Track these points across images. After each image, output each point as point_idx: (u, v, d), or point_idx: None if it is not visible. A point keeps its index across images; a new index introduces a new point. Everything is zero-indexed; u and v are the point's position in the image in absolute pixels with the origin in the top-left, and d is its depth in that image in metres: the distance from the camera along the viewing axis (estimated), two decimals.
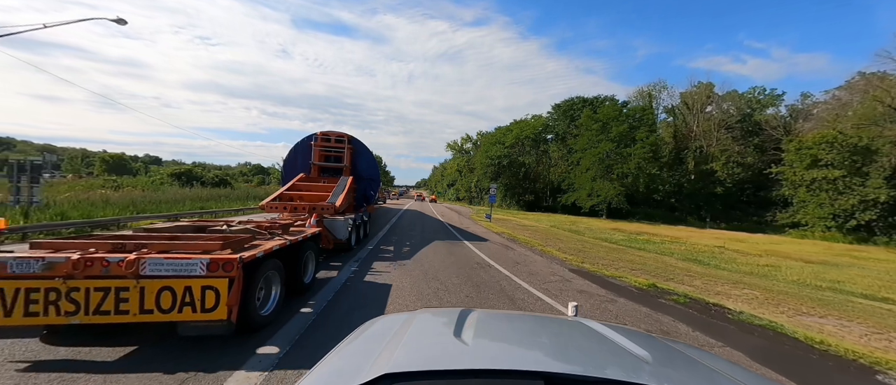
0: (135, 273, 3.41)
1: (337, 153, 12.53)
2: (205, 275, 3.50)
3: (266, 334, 4.02)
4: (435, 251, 10.63)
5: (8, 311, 3.24)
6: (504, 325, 1.71)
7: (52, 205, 15.02)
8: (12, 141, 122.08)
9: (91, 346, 3.62)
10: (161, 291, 3.43)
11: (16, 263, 3.34)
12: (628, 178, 39.58)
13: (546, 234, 18.87)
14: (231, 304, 3.53)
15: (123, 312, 3.37)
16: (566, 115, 52.24)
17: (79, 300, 3.32)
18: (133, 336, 3.84)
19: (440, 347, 1.27)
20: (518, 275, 7.84)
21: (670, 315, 5.41)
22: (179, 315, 3.44)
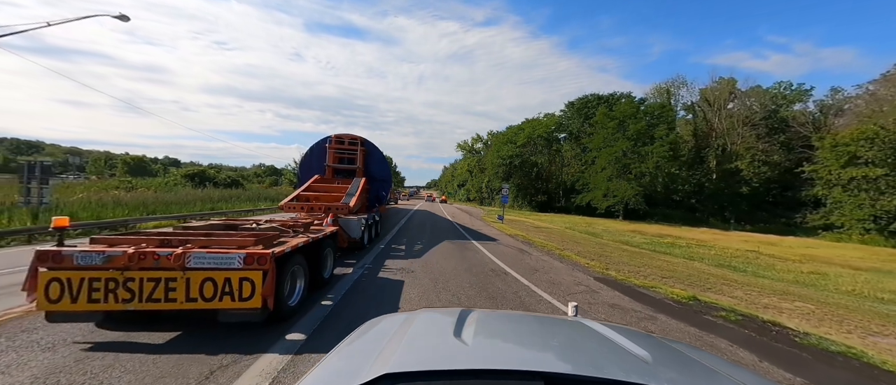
0: (181, 265, 3.82)
1: (350, 155, 12.86)
2: (242, 268, 3.90)
3: (293, 322, 4.45)
4: (445, 256, 9.95)
5: (74, 298, 3.70)
6: (504, 325, 1.70)
7: (62, 206, 14.96)
8: (42, 144, 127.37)
9: (140, 331, 4.09)
10: (204, 282, 3.84)
11: (80, 256, 3.80)
12: (646, 178, 38.07)
13: (562, 236, 17.96)
14: (265, 294, 3.90)
15: (172, 300, 3.79)
16: (580, 113, 50.79)
17: (134, 289, 3.76)
18: (176, 323, 4.27)
19: (440, 347, 1.26)
20: (538, 284, 7.08)
21: (725, 337, 4.59)
22: (220, 303, 3.85)
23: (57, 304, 3.70)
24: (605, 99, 49.00)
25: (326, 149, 12.76)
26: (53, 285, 3.70)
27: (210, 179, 36.26)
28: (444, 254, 10.25)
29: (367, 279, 6.86)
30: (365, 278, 6.92)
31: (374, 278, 6.95)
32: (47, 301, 3.70)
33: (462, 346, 1.21)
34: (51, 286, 3.69)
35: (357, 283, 6.50)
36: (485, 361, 1.12)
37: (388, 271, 7.56)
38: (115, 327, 4.14)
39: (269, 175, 68.33)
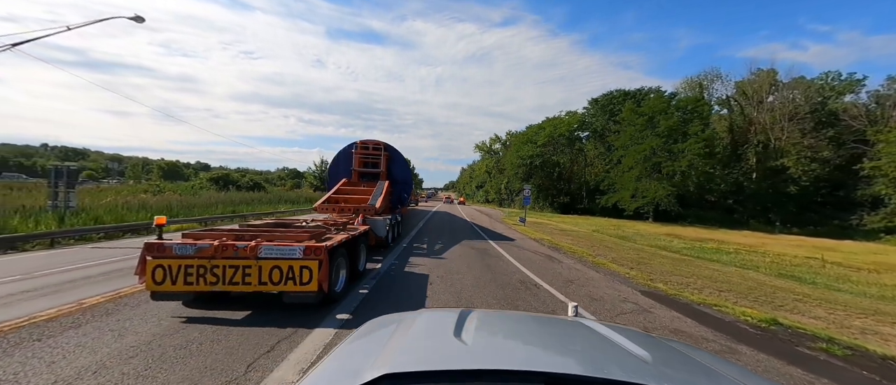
0: (255, 255, 4.60)
1: (374, 160, 13.69)
2: (301, 258, 4.64)
3: (338, 305, 5.37)
4: (468, 265, 9.13)
5: (173, 281, 4.56)
6: (504, 325, 1.69)
7: (88, 210, 15.25)
8: (88, 151, 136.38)
9: (219, 309, 4.95)
10: (272, 269, 4.61)
11: (178, 248, 4.64)
12: (677, 177, 35.75)
13: (591, 240, 16.73)
14: (320, 279, 4.67)
15: (247, 283, 4.61)
16: (605, 110, 48.56)
17: (218, 274, 4.59)
18: (246, 304, 5.21)
19: (440, 347, 1.25)
20: (577, 300, 6.14)
21: (842, 383, 3.53)
22: (284, 287, 4.64)
23: (160, 285, 4.59)
24: (631, 94, 46.58)
25: (352, 154, 13.59)
26: (158, 270, 4.58)
27: (234, 183, 37.06)
28: (466, 262, 9.43)
29: (394, 272, 7.78)
30: (393, 272, 7.81)
31: (400, 272, 7.81)
32: (154, 283, 4.59)
33: (462, 346, 1.20)
34: (156, 271, 4.58)
35: (385, 276, 7.37)
36: (485, 361, 1.10)
37: (412, 266, 8.42)
38: (198, 306, 5.03)
39: (292, 178, 69.80)
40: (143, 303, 5.14)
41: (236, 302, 5.26)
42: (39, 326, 4.13)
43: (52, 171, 14.21)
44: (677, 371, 1.19)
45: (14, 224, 12.09)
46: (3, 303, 5.06)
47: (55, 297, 5.36)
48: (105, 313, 4.65)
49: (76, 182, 14.92)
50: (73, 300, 5.15)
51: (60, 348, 3.58)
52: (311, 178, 59.59)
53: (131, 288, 5.89)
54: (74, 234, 12.56)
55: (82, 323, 4.28)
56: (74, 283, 6.23)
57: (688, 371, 1.20)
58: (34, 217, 12.88)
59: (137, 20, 10.84)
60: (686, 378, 1.13)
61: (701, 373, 1.19)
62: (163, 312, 4.74)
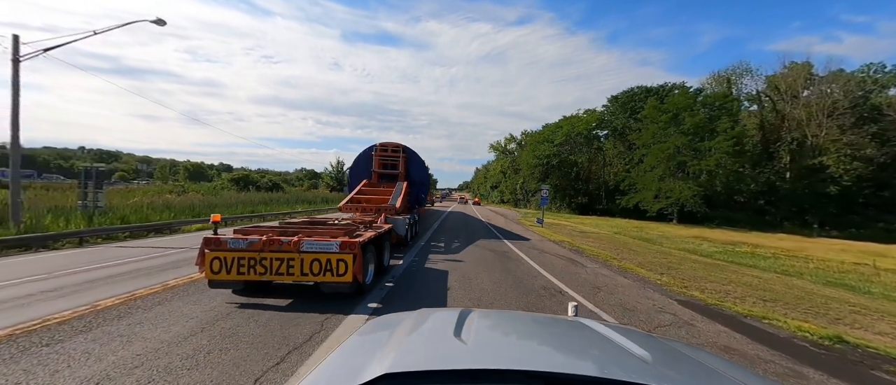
0: (297, 249, 5.14)
1: (393, 161, 14.08)
2: (338, 252, 5.16)
3: (368, 295, 5.93)
4: (487, 268, 8.74)
5: (228, 271, 5.14)
6: (504, 325, 1.68)
7: (116, 210, 15.72)
8: (120, 154, 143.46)
9: (264, 297, 5.56)
10: (312, 262, 5.16)
11: (231, 242, 5.23)
12: (703, 177, 34.09)
13: (613, 242, 16.00)
14: (355, 272, 5.16)
15: (291, 274, 5.17)
16: (625, 107, 46.94)
17: (266, 265, 5.14)
18: (287, 293, 5.81)
19: (440, 347, 1.25)
20: (607, 310, 5.67)
21: None
22: (323, 278, 5.17)
23: (217, 275, 5.19)
24: (654, 91, 44.79)
25: (372, 156, 14.06)
26: (215, 262, 5.19)
27: (253, 183, 37.90)
28: (485, 265, 9.04)
29: (415, 268, 8.35)
30: (413, 267, 8.38)
31: (420, 269, 8.29)
32: (211, 273, 5.19)
33: (462, 346, 1.19)
34: (213, 262, 5.18)
35: (407, 272, 7.91)
36: (485, 361, 1.09)
37: (431, 264, 8.85)
38: (246, 294, 5.63)
39: (309, 179, 71.03)
40: (156, 306, 5.04)
41: (277, 291, 5.90)
42: (50, 330, 4.04)
43: (82, 173, 14.71)
44: (677, 371, 1.18)
45: (46, 223, 12.54)
46: (23, 303, 5.06)
47: (72, 298, 5.33)
48: (117, 317, 4.54)
49: (104, 183, 15.38)
50: (88, 302, 5.10)
51: (67, 355, 3.44)
52: (327, 179, 60.42)
53: (146, 290, 5.82)
54: (101, 233, 12.92)
55: (93, 327, 4.18)
56: (93, 283, 6.24)
57: (688, 371, 1.20)
58: (65, 216, 13.34)
59: (159, 23, 11.03)
60: (686, 378, 1.12)
61: (701, 373, 1.19)
62: (173, 317, 4.61)
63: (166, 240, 12.82)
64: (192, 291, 5.79)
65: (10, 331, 3.98)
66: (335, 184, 55.81)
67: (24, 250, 10.33)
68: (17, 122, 12.10)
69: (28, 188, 22.08)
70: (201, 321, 4.47)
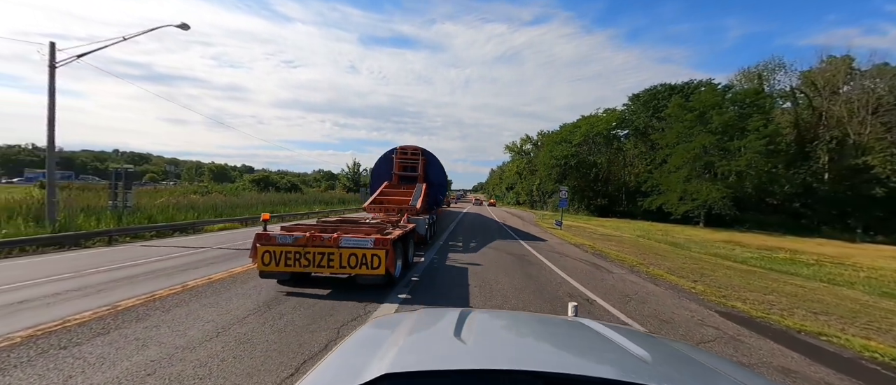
0: (336, 244, 5.79)
1: (412, 164, 14.56)
2: (372, 247, 5.79)
3: (397, 286, 6.49)
4: (506, 271, 8.41)
5: (277, 263, 5.85)
6: (504, 325, 1.67)
7: (143, 209, 16.25)
8: (150, 156, 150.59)
9: (307, 288, 6.22)
10: (350, 256, 5.79)
11: (280, 237, 5.89)
12: (731, 178, 32.36)
13: (638, 247, 15.28)
14: (387, 265, 5.80)
15: (331, 267, 5.83)
16: (647, 106, 45.26)
17: (310, 258, 5.83)
18: (326, 285, 6.43)
19: (440, 347, 1.25)
20: (642, 323, 5.24)
21: None
22: (359, 270, 5.81)
23: (267, 266, 5.89)
24: (678, 89, 42.97)
25: (393, 159, 14.58)
26: (266, 255, 5.88)
27: (273, 184, 38.76)
28: (505, 269, 8.70)
29: (437, 264, 9.05)
30: (434, 264, 9.05)
31: (442, 265, 8.93)
32: (262, 264, 5.88)
33: (462, 346, 1.19)
34: (264, 255, 5.88)
35: (429, 268, 8.57)
36: (485, 361, 1.09)
37: (451, 261, 9.43)
38: (291, 285, 6.27)
39: (326, 180, 72.23)
40: (174, 307, 4.99)
41: (317, 283, 6.54)
42: (70, 332, 4.02)
43: (113, 174, 15.28)
44: (677, 371, 1.17)
45: (79, 222, 13.05)
46: (48, 302, 5.12)
47: (94, 298, 5.37)
48: (135, 318, 4.50)
49: (133, 184, 15.92)
50: (108, 303, 5.11)
51: (82, 359, 3.38)
52: (344, 180, 61.22)
53: (166, 291, 5.82)
54: (129, 232, 13.35)
55: (111, 329, 4.14)
56: (117, 283, 6.31)
57: (688, 371, 1.19)
58: (96, 215, 13.86)
59: (183, 27, 11.29)
60: (686, 378, 1.11)
61: (701, 372, 1.18)
62: (190, 320, 4.53)
63: (190, 239, 13.11)
64: (209, 293, 5.75)
65: (31, 331, 3.98)
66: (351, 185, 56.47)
67: (58, 248, 10.75)
68: (53, 126, 12.66)
69: (66, 189, 23.26)
70: (217, 325, 4.36)
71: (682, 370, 1.19)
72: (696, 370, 1.19)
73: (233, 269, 7.53)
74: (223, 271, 7.35)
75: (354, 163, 61.97)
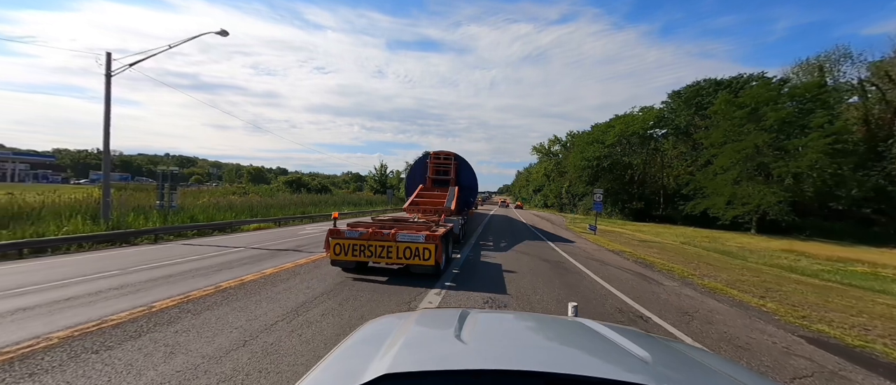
0: (394, 239, 6.84)
1: (445, 168, 15.50)
2: (424, 242, 6.81)
3: (443, 277, 7.46)
4: (544, 280, 7.81)
5: (346, 253, 6.97)
6: (504, 325, 1.67)
7: (187, 209, 17.12)
8: (196, 159, 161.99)
9: (368, 276, 7.32)
10: (405, 249, 6.83)
11: (348, 232, 7.04)
12: (788, 180, 29.30)
13: (684, 255, 14.02)
14: (437, 258, 6.86)
15: (389, 258, 6.90)
16: (689, 103, 42.19)
17: (372, 250, 6.89)
18: (383, 274, 7.48)
19: (440, 347, 1.26)
20: (709, 344, 4.51)
21: None
22: (413, 261, 6.85)
23: (338, 256, 7.01)
24: (725, 84, 39.69)
25: (427, 163, 15.73)
26: (336, 246, 6.99)
27: (305, 185, 40.07)
28: (543, 279, 8.11)
29: (472, 259, 10.03)
30: (470, 259, 10.01)
31: (477, 261, 9.81)
32: (334, 254, 7.00)
33: (462, 346, 1.19)
34: (335, 247, 6.99)
35: (466, 262, 9.50)
36: (485, 361, 1.11)
37: (485, 258, 10.33)
38: (354, 273, 7.40)
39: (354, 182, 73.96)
40: (205, 310, 4.91)
41: (376, 272, 7.57)
42: (104, 333, 3.99)
43: (160, 175, 16.21)
44: (677, 371, 1.16)
45: (129, 220, 13.90)
46: (91, 300, 5.24)
47: (133, 297, 5.44)
48: (167, 321, 4.44)
49: (178, 185, 16.79)
50: (145, 303, 5.14)
51: (111, 366, 3.28)
52: (371, 182, 62.33)
53: (200, 291, 5.82)
54: (173, 230, 14.04)
55: (143, 332, 4.07)
56: (155, 282, 6.43)
57: (688, 371, 1.18)
58: (144, 214, 14.74)
59: (222, 34, 11.70)
60: (686, 378, 1.10)
61: (701, 372, 1.18)
62: (219, 326, 4.40)
63: (227, 238, 13.55)
64: (240, 296, 5.67)
65: (70, 332, 3.99)
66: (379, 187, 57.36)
67: (110, 245, 11.43)
68: (108, 131, 13.57)
69: (123, 189, 25.22)
70: (245, 333, 4.20)
71: (683, 370, 1.18)
72: (697, 370, 1.19)
73: (264, 271, 7.52)
74: (255, 273, 7.35)
75: (382, 165, 62.94)
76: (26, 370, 3.15)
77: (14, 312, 4.63)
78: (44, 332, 3.98)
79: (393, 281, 6.94)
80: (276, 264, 8.28)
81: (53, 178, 79.40)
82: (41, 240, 10.26)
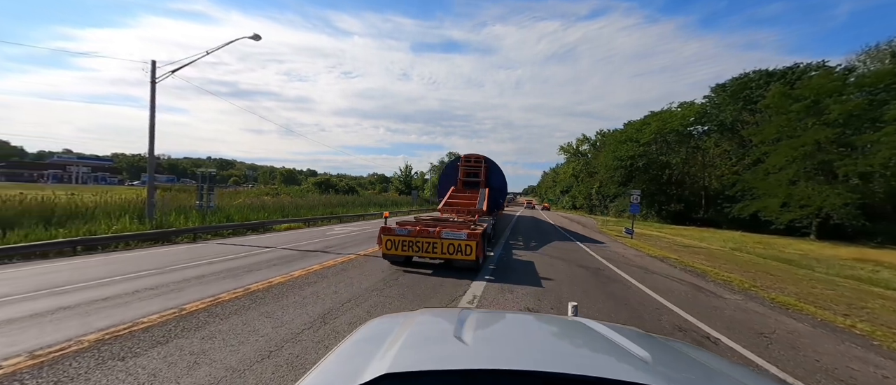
0: (439, 236, 7.74)
1: (475, 170, 16.06)
2: (466, 239, 7.66)
3: (482, 271, 8.22)
4: (585, 289, 7.17)
5: (397, 248, 7.92)
6: (504, 325, 1.66)
7: (223, 209, 17.80)
8: (234, 162, 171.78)
9: (414, 269, 8.12)
10: (448, 245, 7.72)
11: (398, 229, 7.97)
12: (852, 180, 26.18)
13: (737, 263, 12.68)
14: (477, 254, 7.71)
15: (434, 253, 7.82)
16: (736, 97, 38.95)
17: (419, 245, 7.82)
18: (428, 268, 8.26)
19: (440, 347, 1.25)
20: (814, 382, 3.75)
21: None
22: (456, 256, 7.73)
23: (389, 251, 7.99)
24: (777, 75, 36.22)
25: (458, 166, 16.40)
26: (388, 242, 7.94)
27: (333, 186, 41.05)
28: (581, 287, 7.45)
29: (505, 257, 10.77)
30: (504, 257, 10.67)
31: (510, 258, 10.52)
32: (385, 249, 7.99)
33: (462, 346, 1.19)
34: (386, 243, 7.96)
35: (501, 259, 10.25)
36: (485, 361, 1.11)
37: (517, 256, 11.05)
38: (402, 266, 8.25)
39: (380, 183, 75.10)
40: (232, 314, 4.78)
41: (421, 266, 8.41)
42: (134, 337, 3.91)
43: (199, 177, 16.96)
44: (677, 371, 1.16)
45: (171, 220, 14.58)
46: (125, 302, 5.28)
47: (166, 298, 5.44)
48: (195, 326, 4.33)
49: (215, 186, 17.49)
50: (176, 305, 5.10)
51: (133, 376, 3.13)
52: (396, 183, 63.00)
53: (229, 294, 5.75)
54: (210, 230, 14.57)
55: (171, 337, 3.96)
56: (188, 282, 6.47)
57: (688, 371, 1.18)
58: (184, 214, 15.43)
59: (255, 38, 11.98)
60: (686, 378, 1.10)
61: (701, 372, 1.18)
62: (245, 332, 4.23)
63: (260, 238, 13.86)
64: (268, 299, 5.53)
65: (100, 335, 3.95)
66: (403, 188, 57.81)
67: (153, 243, 11.97)
68: (153, 134, 14.30)
69: (168, 190, 26.84)
70: (270, 342, 3.98)
71: (683, 370, 1.17)
72: (697, 370, 1.19)
73: (292, 273, 7.42)
74: (283, 274, 7.26)
75: (407, 166, 63.45)
76: (53, 377, 3.06)
77: (55, 311, 4.71)
78: (76, 334, 3.96)
79: (437, 275, 7.68)
80: (304, 266, 8.19)
81: (111, 180, 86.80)
82: (93, 238, 10.88)
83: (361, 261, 9.18)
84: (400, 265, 8.30)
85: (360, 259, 9.38)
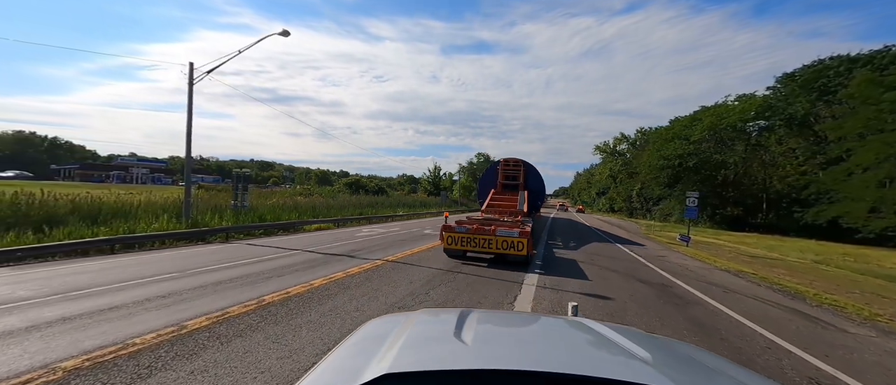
0: (494, 233, 8.81)
1: (514, 173, 16.68)
2: (518, 237, 8.63)
3: (531, 265, 9.24)
4: (658, 316, 5.81)
5: (456, 244, 9.17)
6: (504, 325, 1.67)
7: (257, 209, 17.93)
8: (274, 164, 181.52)
9: (470, 263, 9.26)
10: (502, 242, 8.71)
11: (457, 227, 9.20)
12: None
13: (831, 280, 10.51)
14: (528, 250, 8.62)
15: (490, 249, 8.86)
16: (809, 88, 34.33)
17: (476, 242, 8.95)
18: (483, 262, 9.36)
19: (440, 347, 1.24)
20: None
21: None
22: (509, 252, 8.72)
23: (450, 246, 9.21)
24: (862, 60, 31.36)
25: (497, 170, 17.03)
26: (448, 238, 9.13)
27: (363, 187, 41.34)
28: (649, 310, 6.09)
29: (549, 255, 11.77)
30: (548, 254, 11.82)
31: (552, 256, 11.61)
32: (446, 244, 9.20)
33: (462, 346, 1.18)
34: (448, 238, 9.14)
35: (545, 256, 11.45)
36: (485, 361, 1.09)
37: (560, 254, 12.23)
38: (460, 260, 9.57)
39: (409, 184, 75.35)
40: (235, 337, 4.05)
41: (476, 260, 9.45)
42: (116, 366, 3.25)
43: (235, 177, 17.18)
44: (678, 371, 1.12)
45: (206, 219, 14.74)
46: (128, 313, 4.77)
47: (172, 310, 4.89)
48: (188, 353, 3.62)
49: (250, 185, 17.65)
50: (178, 321, 4.49)
51: None
52: (425, 184, 62.71)
53: (239, 307, 5.08)
54: (243, 229, 14.55)
55: (155, 370, 3.25)
56: (203, 290, 5.95)
57: (689, 371, 1.16)
58: (219, 214, 15.59)
59: (284, 34, 11.71)
60: (687, 378, 1.07)
61: (702, 373, 1.17)
62: (244, 367, 3.44)
63: (289, 239, 13.58)
64: (281, 316, 4.80)
65: (79, 361, 3.32)
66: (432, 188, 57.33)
67: (187, 242, 11.98)
68: (190, 136, 14.50)
69: (210, 189, 28.06)
70: (272, 379, 3.14)
71: (684, 370, 1.16)
72: (698, 370, 1.18)
73: (313, 282, 6.72)
74: (303, 283, 6.57)
75: (435, 167, 62.97)
76: None
77: (54, 324, 4.24)
78: (57, 358, 3.38)
79: (493, 267, 8.92)
80: (327, 273, 7.50)
81: (165, 180, 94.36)
82: (131, 236, 11.01)
83: (388, 268, 8.38)
84: (457, 258, 9.54)
85: (386, 266, 8.59)
